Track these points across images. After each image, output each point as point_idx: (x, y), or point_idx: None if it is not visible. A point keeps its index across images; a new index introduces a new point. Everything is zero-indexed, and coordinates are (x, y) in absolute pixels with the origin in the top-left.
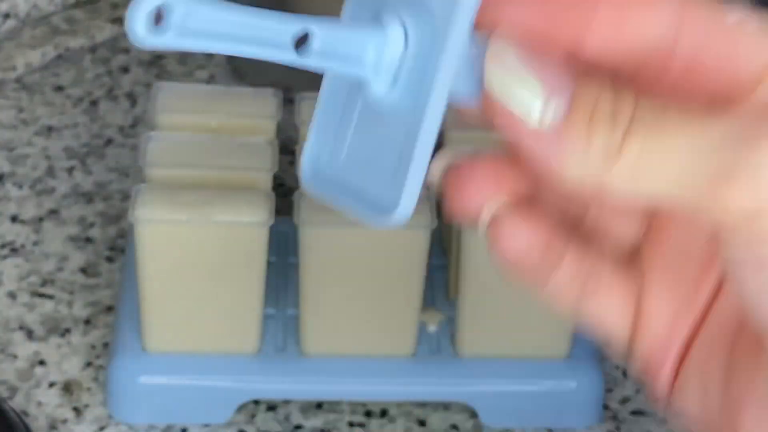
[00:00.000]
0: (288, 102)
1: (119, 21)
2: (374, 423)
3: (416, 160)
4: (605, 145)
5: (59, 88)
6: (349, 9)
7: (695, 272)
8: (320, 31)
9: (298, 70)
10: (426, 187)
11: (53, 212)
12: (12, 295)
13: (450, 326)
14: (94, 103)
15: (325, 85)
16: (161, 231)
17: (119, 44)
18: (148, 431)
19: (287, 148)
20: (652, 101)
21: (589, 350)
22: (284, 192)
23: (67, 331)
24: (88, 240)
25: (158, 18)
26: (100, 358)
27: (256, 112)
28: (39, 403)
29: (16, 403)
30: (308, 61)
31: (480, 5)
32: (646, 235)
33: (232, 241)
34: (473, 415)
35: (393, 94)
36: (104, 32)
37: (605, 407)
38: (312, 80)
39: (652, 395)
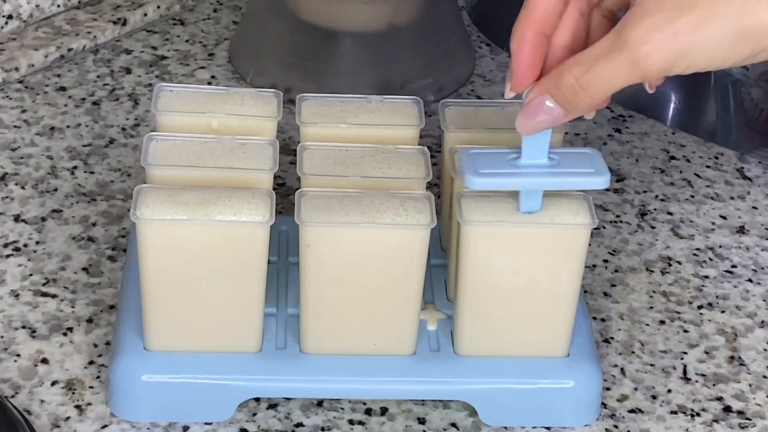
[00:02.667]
0: (288, 102)
1: (121, 22)
2: (374, 421)
3: None
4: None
5: (62, 89)
6: None
7: None
8: None
9: (298, 71)
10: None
11: (56, 212)
12: (15, 294)
13: (449, 325)
14: (96, 103)
15: None
16: (162, 230)
17: (121, 45)
18: (150, 429)
19: (288, 147)
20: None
21: (587, 349)
22: (285, 191)
23: (70, 329)
24: (91, 239)
25: None
26: (102, 357)
27: (256, 113)
28: (42, 402)
29: (19, 401)
30: None
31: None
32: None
33: (233, 240)
34: (472, 413)
35: None
36: (106, 33)
37: (603, 405)
38: (311, 81)
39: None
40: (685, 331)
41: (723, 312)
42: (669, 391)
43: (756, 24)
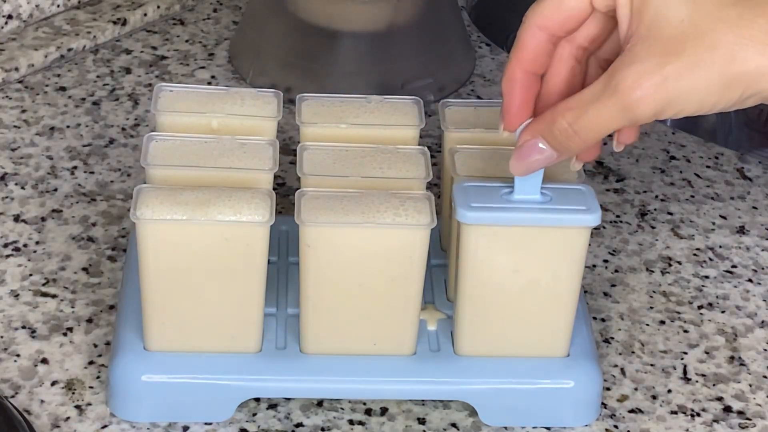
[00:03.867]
0: (288, 102)
1: (121, 22)
2: (374, 421)
3: None
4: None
5: (62, 89)
6: None
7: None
8: None
9: (298, 71)
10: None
11: (56, 212)
12: (15, 294)
13: (450, 325)
14: (96, 103)
15: None
16: (162, 230)
17: (121, 45)
18: (150, 429)
19: (288, 147)
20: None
21: (587, 349)
22: (285, 191)
23: (70, 330)
24: (90, 239)
25: None
26: (102, 357)
27: (256, 113)
28: (42, 402)
29: (19, 401)
30: None
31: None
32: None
33: (233, 240)
34: (472, 413)
35: None
36: (106, 33)
37: (603, 405)
38: (311, 81)
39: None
40: (685, 331)
41: (723, 312)
42: (669, 391)
43: (743, 71)
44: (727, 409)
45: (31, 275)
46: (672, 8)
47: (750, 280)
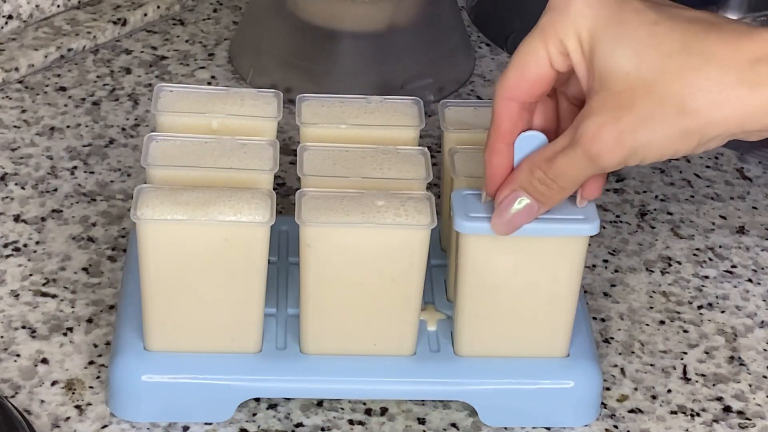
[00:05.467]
0: (288, 102)
1: (121, 22)
2: (374, 421)
3: None
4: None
5: (62, 89)
6: None
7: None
8: None
9: (298, 71)
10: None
11: (56, 212)
12: (15, 294)
13: (450, 325)
14: (96, 103)
15: None
16: (162, 231)
17: (121, 45)
18: (150, 429)
19: (288, 147)
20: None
21: (587, 349)
22: (285, 191)
23: (70, 330)
24: (90, 239)
25: None
26: (102, 357)
27: (256, 113)
28: (42, 402)
29: (19, 401)
30: None
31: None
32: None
33: (233, 240)
34: (472, 413)
35: None
36: (106, 33)
37: (603, 405)
38: (311, 81)
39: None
40: (685, 331)
41: (723, 312)
42: (669, 391)
43: (696, 123)
44: (727, 409)
45: (31, 275)
46: (617, 62)
47: (750, 280)
